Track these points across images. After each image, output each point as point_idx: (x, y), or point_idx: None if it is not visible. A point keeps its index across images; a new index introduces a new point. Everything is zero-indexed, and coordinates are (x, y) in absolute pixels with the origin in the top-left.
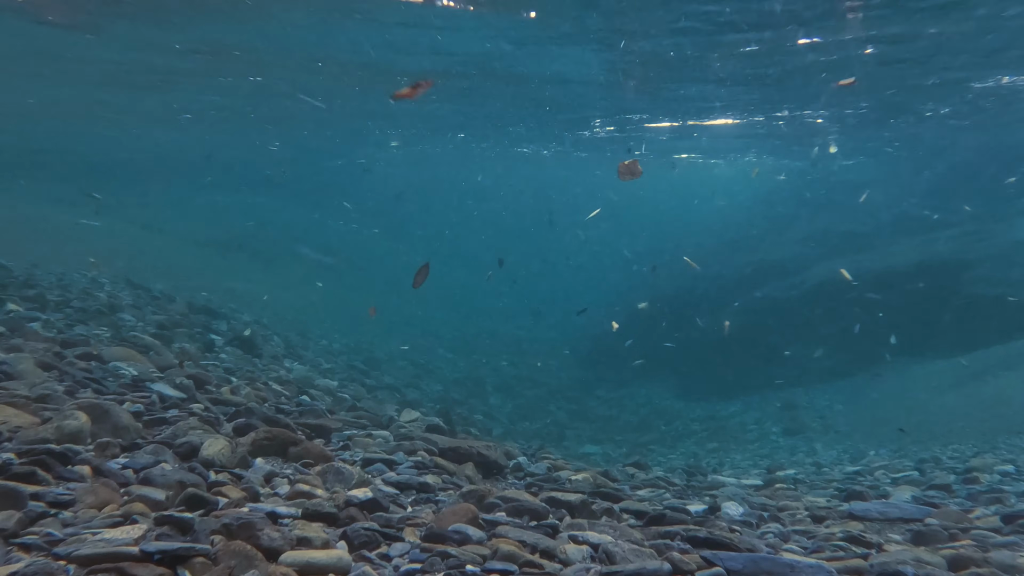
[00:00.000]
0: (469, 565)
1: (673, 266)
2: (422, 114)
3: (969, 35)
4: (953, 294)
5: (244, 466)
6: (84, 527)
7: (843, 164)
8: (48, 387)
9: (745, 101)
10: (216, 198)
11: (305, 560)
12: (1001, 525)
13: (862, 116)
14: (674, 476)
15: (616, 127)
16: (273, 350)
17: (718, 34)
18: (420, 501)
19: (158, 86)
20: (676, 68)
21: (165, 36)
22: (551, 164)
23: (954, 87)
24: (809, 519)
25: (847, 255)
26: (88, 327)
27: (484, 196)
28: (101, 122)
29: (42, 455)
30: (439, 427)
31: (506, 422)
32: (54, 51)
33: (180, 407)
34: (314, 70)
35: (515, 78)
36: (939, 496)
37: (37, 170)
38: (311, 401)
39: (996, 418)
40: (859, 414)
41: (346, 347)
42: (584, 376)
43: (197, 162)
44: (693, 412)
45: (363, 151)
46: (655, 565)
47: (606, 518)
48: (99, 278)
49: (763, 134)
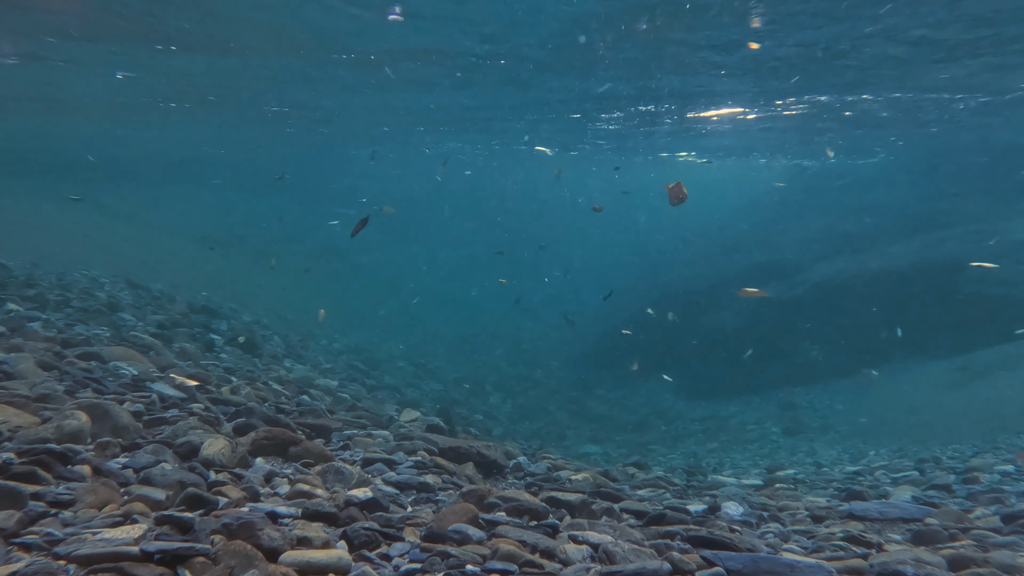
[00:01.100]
0: (469, 565)
1: (674, 266)
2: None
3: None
4: (953, 294)
5: (244, 466)
6: (84, 527)
7: (849, 164)
8: (48, 387)
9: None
10: (225, 197)
11: (305, 560)
12: (1001, 525)
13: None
14: (674, 476)
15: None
16: (273, 350)
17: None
18: (420, 501)
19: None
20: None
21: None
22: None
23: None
24: (809, 519)
25: (847, 255)
26: (88, 327)
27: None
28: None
29: (42, 455)
30: (439, 427)
31: (506, 422)
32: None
33: (180, 407)
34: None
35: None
36: (939, 496)
37: (47, 171)
38: (311, 401)
39: (996, 418)
40: (859, 414)
41: (346, 347)
42: (584, 376)
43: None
44: (693, 412)
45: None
46: (655, 565)
47: (606, 518)
48: (100, 277)
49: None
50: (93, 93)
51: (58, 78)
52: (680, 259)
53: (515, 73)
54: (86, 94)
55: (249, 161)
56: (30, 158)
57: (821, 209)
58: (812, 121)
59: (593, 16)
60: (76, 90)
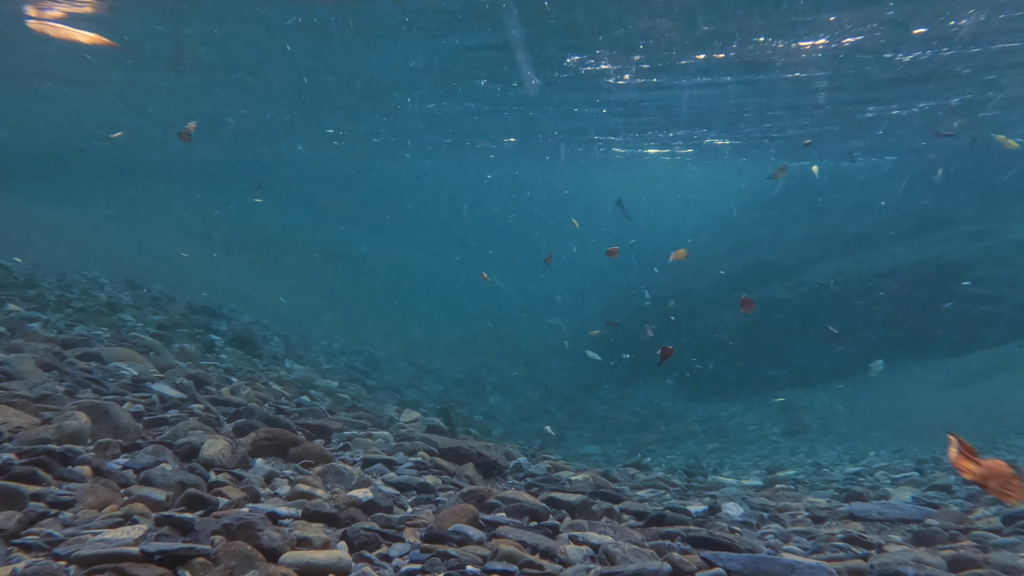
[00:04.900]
0: (469, 566)
1: (673, 267)
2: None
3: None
4: (953, 294)
5: (244, 466)
6: (84, 527)
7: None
8: (48, 387)
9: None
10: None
11: (305, 560)
12: (1001, 526)
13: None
14: (674, 477)
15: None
16: (273, 350)
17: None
18: (420, 501)
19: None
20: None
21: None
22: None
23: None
24: (809, 520)
25: (847, 255)
26: (88, 327)
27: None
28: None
29: (42, 455)
30: (439, 427)
31: (506, 422)
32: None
33: (180, 407)
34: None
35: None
36: (939, 497)
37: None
38: (311, 401)
39: (996, 418)
40: (859, 415)
41: (346, 348)
42: (584, 376)
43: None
44: (693, 413)
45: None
46: (655, 566)
47: (606, 518)
48: (100, 278)
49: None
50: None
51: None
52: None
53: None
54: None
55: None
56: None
57: (821, 209)
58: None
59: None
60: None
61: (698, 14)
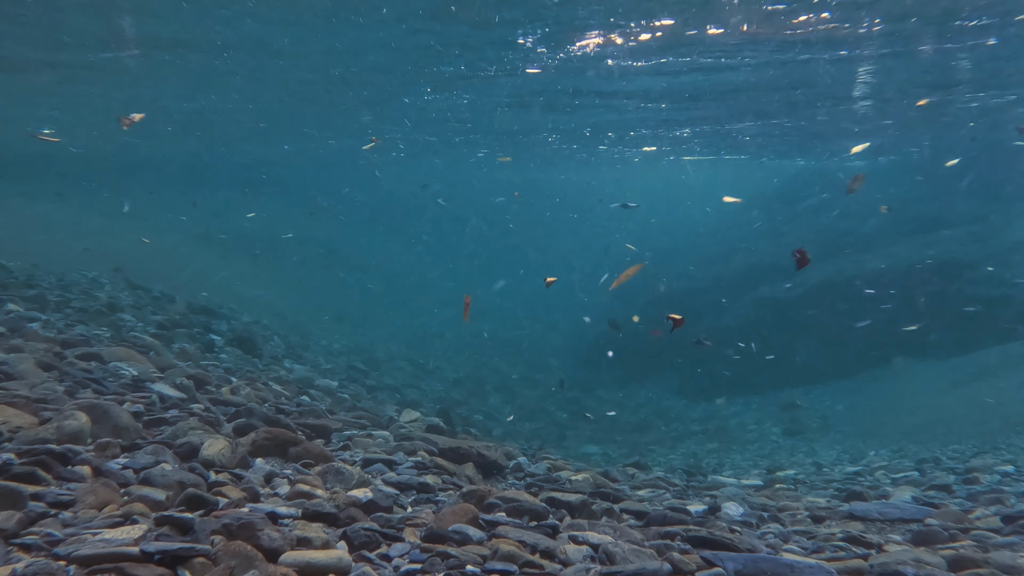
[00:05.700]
0: (469, 565)
1: (674, 267)
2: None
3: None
4: (953, 294)
5: (244, 466)
6: (84, 527)
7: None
8: (48, 387)
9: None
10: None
11: (305, 560)
12: (1001, 525)
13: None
14: (674, 476)
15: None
16: (273, 350)
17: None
18: (420, 501)
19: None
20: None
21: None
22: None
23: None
24: (809, 519)
25: (848, 255)
26: (88, 327)
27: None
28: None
29: (42, 455)
30: (439, 427)
31: (506, 422)
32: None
33: (180, 407)
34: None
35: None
36: (939, 496)
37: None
38: (311, 401)
39: (996, 418)
40: (859, 415)
41: (346, 347)
42: (584, 376)
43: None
44: (693, 412)
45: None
46: (655, 565)
47: (606, 518)
48: (99, 278)
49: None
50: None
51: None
52: (681, 259)
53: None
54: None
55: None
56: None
57: (821, 208)
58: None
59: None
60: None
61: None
